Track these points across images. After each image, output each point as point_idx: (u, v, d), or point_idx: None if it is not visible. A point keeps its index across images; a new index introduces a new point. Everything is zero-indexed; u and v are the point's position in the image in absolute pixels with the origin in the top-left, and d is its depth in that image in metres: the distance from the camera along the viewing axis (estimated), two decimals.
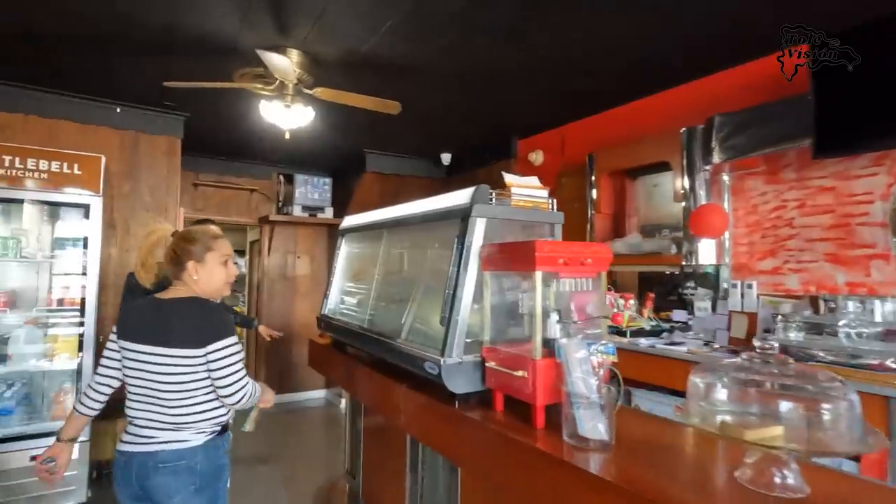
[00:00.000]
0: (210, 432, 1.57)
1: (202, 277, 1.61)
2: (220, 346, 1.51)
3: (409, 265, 1.98)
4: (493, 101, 3.70)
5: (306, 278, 6.06)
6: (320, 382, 6.05)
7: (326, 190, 5.61)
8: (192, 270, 1.60)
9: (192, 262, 1.60)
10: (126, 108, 3.78)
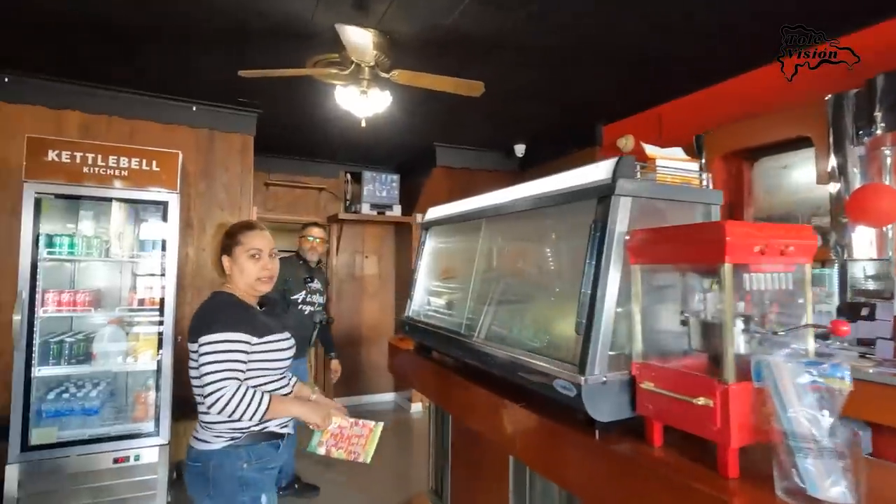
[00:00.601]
0: (228, 438, 1.48)
1: (234, 273, 1.58)
2: (206, 341, 1.43)
3: (520, 260, 1.68)
4: (579, 80, 3.34)
5: (374, 278, 5.92)
6: (389, 385, 5.90)
7: (394, 187, 5.44)
8: (226, 266, 1.59)
9: (224, 256, 1.58)
10: (201, 107, 3.75)
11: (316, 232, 3.42)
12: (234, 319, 1.47)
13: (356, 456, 1.64)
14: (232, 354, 1.43)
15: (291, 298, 3.28)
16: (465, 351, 1.71)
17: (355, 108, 2.75)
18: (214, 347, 1.42)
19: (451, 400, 1.89)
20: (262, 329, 1.54)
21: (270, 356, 1.55)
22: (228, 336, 1.44)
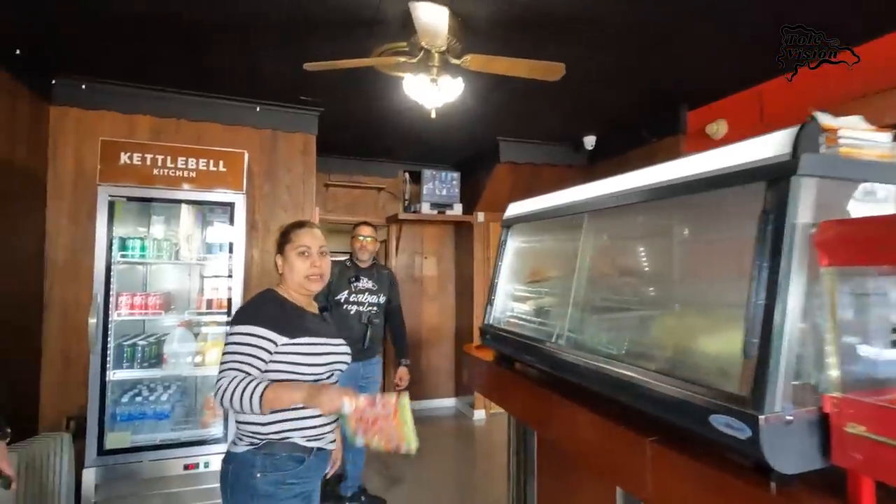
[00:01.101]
0: (248, 442, 1.44)
1: (285, 272, 1.58)
2: (230, 331, 1.45)
3: (638, 261, 1.41)
4: (666, 60, 3.00)
5: (434, 280, 5.76)
6: (449, 390, 5.71)
7: (455, 185, 5.25)
8: (279, 264, 1.60)
9: (278, 255, 1.60)
10: (265, 107, 3.71)
11: (365, 231, 3.29)
12: (262, 315, 1.45)
13: (396, 444, 1.44)
14: (248, 348, 1.40)
15: (335, 299, 3.16)
16: (561, 366, 1.47)
17: (425, 99, 2.57)
18: (234, 339, 1.42)
19: (544, 421, 1.65)
20: (298, 330, 1.48)
21: (303, 360, 1.47)
22: (250, 329, 1.41)
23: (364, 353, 3.18)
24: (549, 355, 1.55)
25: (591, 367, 1.33)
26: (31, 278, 3.08)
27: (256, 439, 1.42)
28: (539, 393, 1.61)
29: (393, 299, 3.42)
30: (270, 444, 1.42)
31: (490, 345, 2.01)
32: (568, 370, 1.45)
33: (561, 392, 1.50)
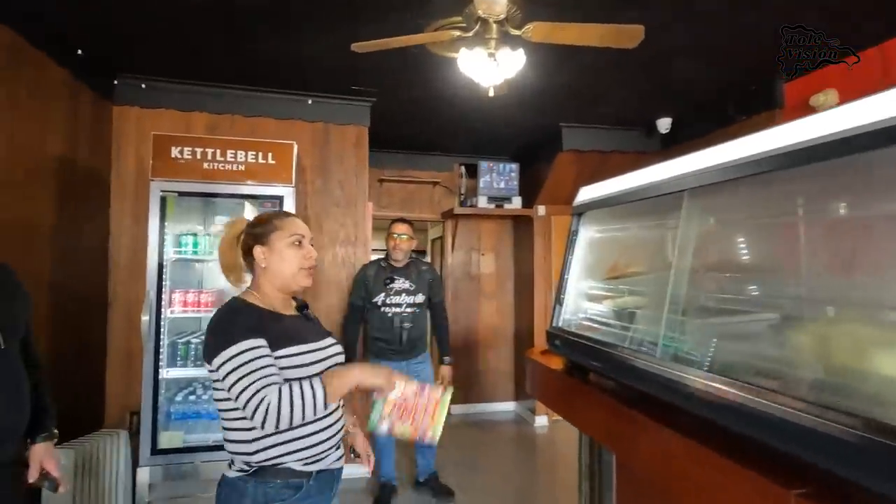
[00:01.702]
0: (238, 470, 1.26)
1: (272, 264, 1.35)
2: (225, 358, 1.20)
3: (775, 249, 1.09)
4: (762, 24, 2.56)
5: (491, 278, 5.49)
6: (509, 393, 5.43)
7: (513, 177, 4.96)
8: (259, 257, 1.35)
9: (258, 246, 1.35)
10: (316, 100, 3.62)
11: (400, 228, 3.12)
12: (241, 326, 1.25)
13: (423, 432, 1.38)
14: (258, 361, 1.20)
15: (372, 302, 3.05)
16: (655, 382, 1.17)
17: (481, 76, 2.32)
18: (236, 362, 1.19)
19: (630, 447, 1.35)
20: (280, 339, 1.28)
21: (290, 373, 1.27)
22: (246, 345, 1.21)
23: (404, 354, 3.07)
24: (638, 368, 1.25)
25: (700, 386, 1.03)
26: (96, 277, 3.15)
27: (245, 463, 1.24)
28: (624, 413, 1.31)
29: (434, 296, 3.24)
30: (262, 470, 1.23)
31: (559, 352, 1.73)
32: (665, 388, 1.15)
33: (654, 414, 1.21)
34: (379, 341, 3.08)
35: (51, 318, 2.65)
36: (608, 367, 1.46)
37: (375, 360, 3.07)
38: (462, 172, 5.22)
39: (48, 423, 1.63)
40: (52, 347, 2.66)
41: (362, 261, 3.72)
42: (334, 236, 3.67)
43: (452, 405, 5.35)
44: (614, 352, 1.39)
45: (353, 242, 3.70)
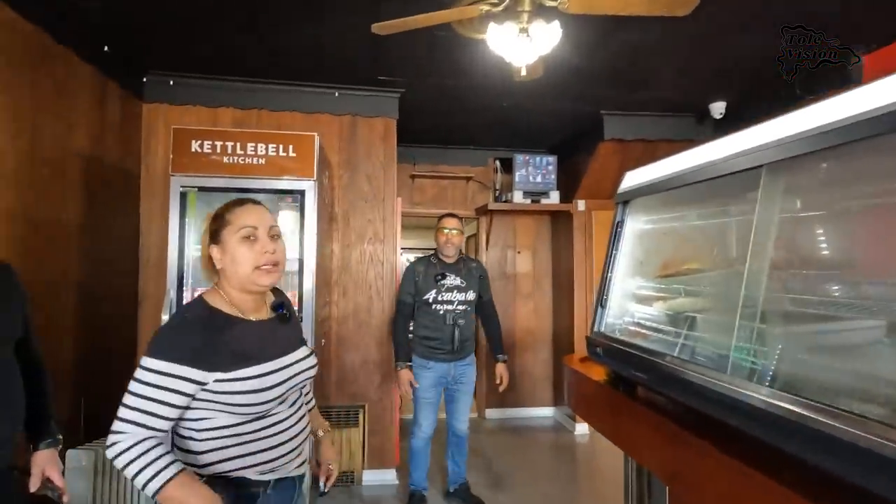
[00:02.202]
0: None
1: (226, 265, 1.20)
2: (140, 364, 1.10)
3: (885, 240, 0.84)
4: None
5: (528, 277, 5.25)
6: (547, 398, 5.17)
7: (551, 171, 4.69)
8: (216, 258, 1.21)
9: (213, 245, 1.22)
10: (343, 92, 3.49)
11: (451, 223, 2.98)
12: (180, 344, 1.11)
13: None
14: (158, 392, 1.06)
15: (422, 299, 2.92)
16: (728, 405, 0.94)
17: (513, 54, 2.10)
18: (141, 375, 1.08)
19: (691, 481, 1.11)
20: (236, 359, 1.14)
21: (243, 398, 1.13)
22: (161, 366, 1.07)
23: (454, 353, 2.92)
24: (701, 386, 1.02)
25: (793, 417, 0.79)
26: (126, 276, 3.14)
27: (197, 475, 1.11)
28: (685, 441, 1.08)
29: (484, 294, 3.11)
30: (213, 480, 1.11)
31: (602, 361, 1.50)
32: (739, 413, 0.92)
33: (723, 444, 0.97)
34: (428, 341, 2.94)
35: (78, 318, 2.63)
36: (662, 383, 1.22)
37: (422, 361, 2.94)
38: (496, 167, 5.00)
39: (51, 428, 1.55)
40: (78, 347, 2.64)
41: (391, 259, 3.58)
42: (362, 233, 3.54)
43: (488, 409, 5.16)
44: (670, 364, 1.15)
45: (381, 239, 3.56)
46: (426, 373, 2.94)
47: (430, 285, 2.94)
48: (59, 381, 2.52)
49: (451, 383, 3.00)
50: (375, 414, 3.48)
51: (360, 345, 3.49)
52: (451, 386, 3.01)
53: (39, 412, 1.51)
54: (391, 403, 3.52)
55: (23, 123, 2.23)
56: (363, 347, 3.50)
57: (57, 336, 2.50)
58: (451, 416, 3.09)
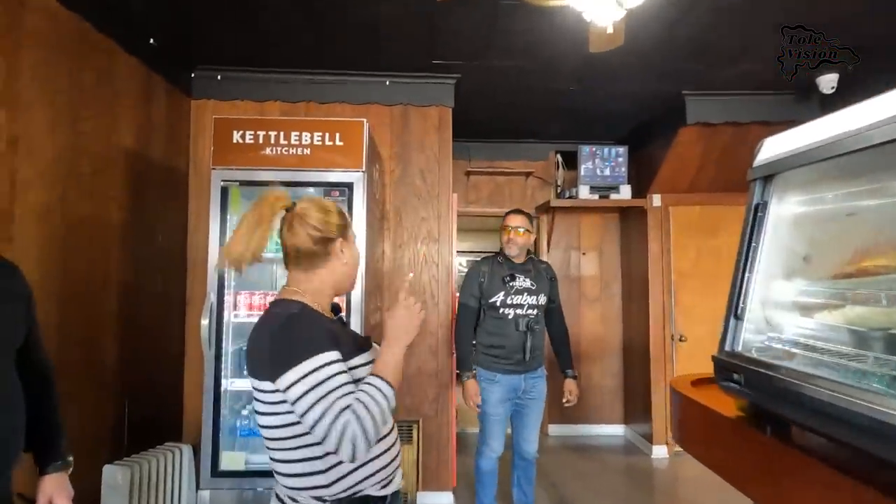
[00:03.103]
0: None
1: (350, 262, 1.21)
2: (296, 378, 1.01)
3: None
4: None
5: (594, 280, 4.79)
6: (616, 415, 4.69)
7: (621, 163, 4.24)
8: (338, 253, 1.18)
9: (341, 240, 1.19)
10: (394, 81, 3.24)
11: (516, 220, 2.65)
12: (323, 336, 1.08)
13: None
14: (336, 378, 1.03)
15: (489, 302, 2.59)
16: None
17: (598, 10, 1.74)
18: (312, 380, 1.01)
19: None
20: (348, 349, 1.13)
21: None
22: (324, 358, 1.04)
23: (525, 364, 2.58)
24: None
25: None
26: (174, 277, 3.02)
27: (319, 501, 1.08)
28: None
29: (554, 299, 2.78)
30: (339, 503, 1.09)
31: (741, 391, 1.11)
32: None
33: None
34: (494, 350, 2.61)
35: (121, 320, 2.51)
36: (849, 429, 0.82)
37: (488, 374, 2.61)
38: (558, 161, 4.60)
39: (61, 448, 1.34)
40: (122, 350, 2.51)
41: (446, 260, 3.28)
42: (415, 232, 3.26)
43: (551, 424, 4.74)
44: (858, 401, 0.76)
45: (436, 239, 3.27)
46: (493, 387, 2.61)
47: (497, 287, 2.61)
48: (100, 386, 2.40)
49: (519, 397, 2.65)
50: (430, 430, 3.18)
51: (414, 354, 3.21)
52: (520, 401, 2.66)
53: (46, 430, 1.32)
54: (447, 419, 3.21)
55: (62, 115, 2.11)
56: (416, 357, 3.21)
57: (98, 338, 2.38)
58: (518, 435, 2.73)
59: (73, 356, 2.18)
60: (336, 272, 1.19)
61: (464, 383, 2.62)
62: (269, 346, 1.06)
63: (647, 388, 4.15)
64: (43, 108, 2.01)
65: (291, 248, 1.16)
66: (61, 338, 2.11)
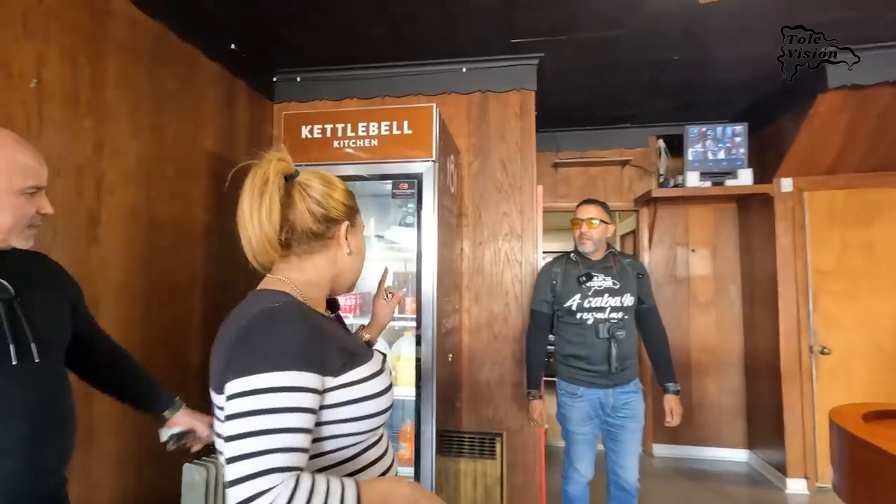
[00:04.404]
0: None
1: (356, 253, 1.01)
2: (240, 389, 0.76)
3: None
4: None
5: (706, 281, 4.18)
6: (737, 438, 4.04)
7: (739, 143, 3.63)
8: (343, 241, 0.98)
9: (347, 224, 0.99)
10: (471, 67, 3.03)
11: (587, 211, 2.30)
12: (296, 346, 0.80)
13: None
14: (287, 417, 0.74)
15: (564, 307, 2.27)
16: None
17: None
18: (255, 403, 0.74)
19: None
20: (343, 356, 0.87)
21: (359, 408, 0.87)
22: (282, 379, 0.76)
23: (611, 377, 2.22)
24: None
25: None
26: (258, 278, 3.07)
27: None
28: None
29: (645, 299, 2.35)
30: None
31: None
32: None
33: None
34: (574, 360, 2.29)
35: (206, 322, 2.56)
36: None
37: (569, 387, 2.30)
38: (660, 146, 4.08)
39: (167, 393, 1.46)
40: (207, 353, 2.56)
41: (530, 259, 2.98)
42: (496, 228, 3.01)
43: (656, 444, 4.21)
44: None
45: (518, 236, 2.99)
46: (575, 403, 2.28)
47: (572, 289, 2.28)
48: (184, 386, 2.46)
49: (608, 414, 2.28)
50: (515, 445, 2.90)
51: (497, 360, 2.95)
52: (610, 420, 2.29)
53: (146, 382, 1.43)
54: (534, 433, 2.90)
55: (144, 121, 2.18)
56: (499, 364, 2.95)
57: (184, 340, 2.44)
58: (611, 462, 2.36)
59: (158, 356, 2.24)
60: (337, 263, 0.98)
61: (529, 403, 2.33)
62: (232, 345, 0.82)
63: (779, 410, 3.49)
64: (126, 114, 2.08)
65: (285, 226, 0.93)
66: (146, 337, 2.17)
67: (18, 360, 1.03)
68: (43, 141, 1.71)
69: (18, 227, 1.06)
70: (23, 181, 1.04)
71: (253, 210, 0.89)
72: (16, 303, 1.05)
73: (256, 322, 0.82)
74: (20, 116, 1.63)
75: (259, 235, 0.89)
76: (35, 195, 1.08)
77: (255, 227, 0.89)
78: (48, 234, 1.74)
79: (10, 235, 1.05)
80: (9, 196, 1.03)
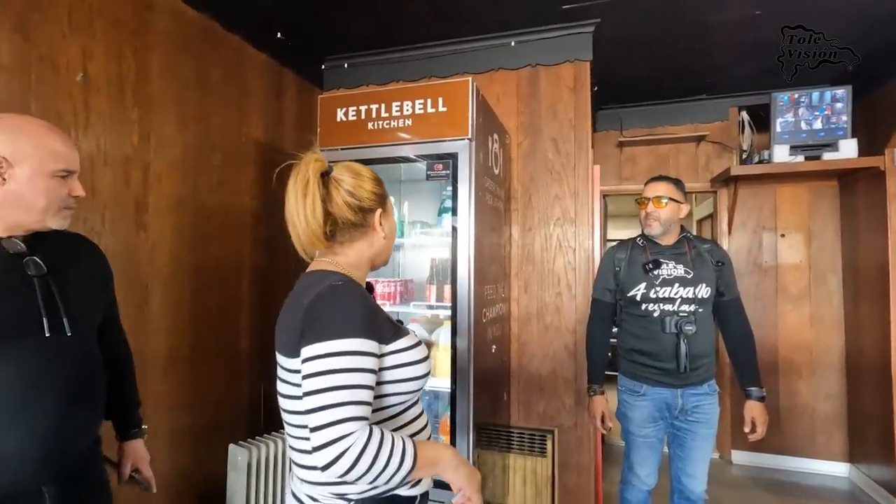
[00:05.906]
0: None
1: (389, 234, 1.15)
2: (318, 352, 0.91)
3: None
4: None
5: (798, 270, 3.69)
6: (836, 449, 3.55)
7: (840, 110, 3.13)
8: (377, 226, 1.11)
9: (380, 211, 1.11)
10: (520, 40, 2.84)
11: (657, 188, 2.03)
12: (367, 321, 0.95)
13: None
14: (362, 376, 0.90)
15: (627, 297, 2.03)
16: None
17: None
18: (332, 363, 0.89)
19: None
20: (391, 328, 1.02)
21: (402, 373, 1.01)
22: (358, 345, 0.92)
23: (681, 376, 1.97)
24: None
25: None
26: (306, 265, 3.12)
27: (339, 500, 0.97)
28: None
29: (726, 290, 2.05)
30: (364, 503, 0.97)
31: None
32: None
33: None
34: (638, 356, 2.06)
35: (254, 307, 2.63)
36: None
37: (632, 384, 2.09)
38: (743, 118, 3.63)
39: (138, 418, 1.43)
40: (255, 337, 2.63)
41: (585, 244, 2.76)
42: (546, 213, 2.82)
43: (735, 451, 3.80)
44: None
45: (572, 219, 2.78)
46: (638, 402, 2.05)
47: (637, 277, 2.04)
48: (236, 372, 2.54)
49: (676, 417, 2.04)
50: (568, 442, 2.72)
51: (548, 353, 2.78)
52: (679, 423, 2.04)
53: (124, 404, 1.39)
54: (588, 432, 2.70)
55: (190, 111, 2.24)
56: (551, 356, 2.77)
57: (234, 326, 2.51)
58: (677, 469, 2.11)
59: (208, 341, 2.32)
60: (374, 246, 1.13)
61: (590, 399, 2.12)
62: (304, 316, 0.95)
63: (889, 419, 2.99)
64: (172, 105, 2.14)
65: (328, 220, 1.05)
66: (195, 323, 2.25)
67: (51, 333, 1.07)
68: (90, 132, 1.79)
69: (52, 209, 1.11)
70: (53, 164, 1.10)
71: (298, 210, 1.01)
72: (50, 279, 1.09)
73: (324, 297, 0.96)
74: (67, 109, 1.72)
75: (307, 231, 1.02)
76: (67, 178, 1.14)
77: (302, 224, 1.01)
78: (97, 222, 1.83)
79: (46, 216, 1.11)
80: (42, 179, 1.08)
